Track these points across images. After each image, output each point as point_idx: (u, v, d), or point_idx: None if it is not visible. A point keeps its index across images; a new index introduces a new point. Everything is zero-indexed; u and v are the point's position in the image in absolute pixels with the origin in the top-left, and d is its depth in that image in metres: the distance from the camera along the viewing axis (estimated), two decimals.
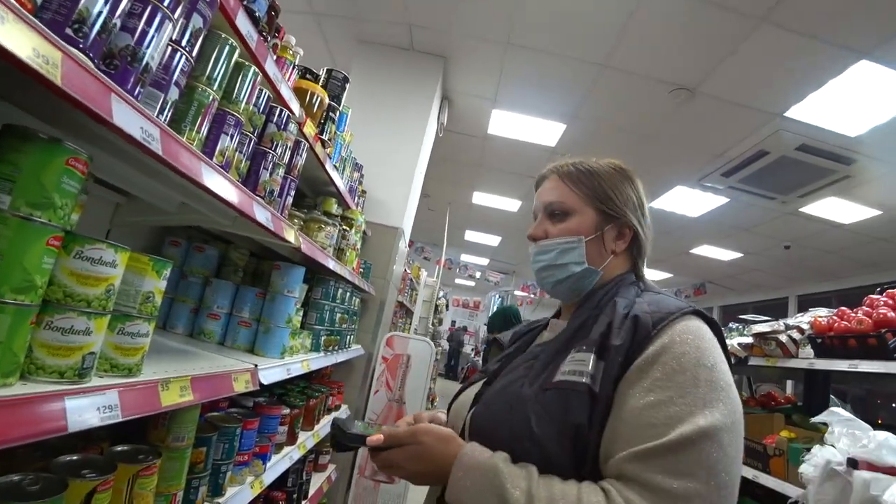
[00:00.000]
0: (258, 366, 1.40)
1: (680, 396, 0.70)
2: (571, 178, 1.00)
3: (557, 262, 0.96)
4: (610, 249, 0.97)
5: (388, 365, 3.27)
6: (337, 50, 4.25)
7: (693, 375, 0.72)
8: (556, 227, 0.98)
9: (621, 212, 0.97)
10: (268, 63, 1.29)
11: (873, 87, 3.39)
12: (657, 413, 0.69)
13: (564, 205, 0.98)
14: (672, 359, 0.74)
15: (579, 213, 0.97)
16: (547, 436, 0.74)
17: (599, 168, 1.01)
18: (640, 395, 0.72)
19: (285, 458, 1.88)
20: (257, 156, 1.21)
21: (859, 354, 2.28)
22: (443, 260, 6.29)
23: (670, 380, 0.72)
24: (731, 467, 0.68)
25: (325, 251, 1.82)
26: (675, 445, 0.66)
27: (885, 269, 6.87)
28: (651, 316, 0.80)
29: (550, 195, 1.01)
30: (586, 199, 0.98)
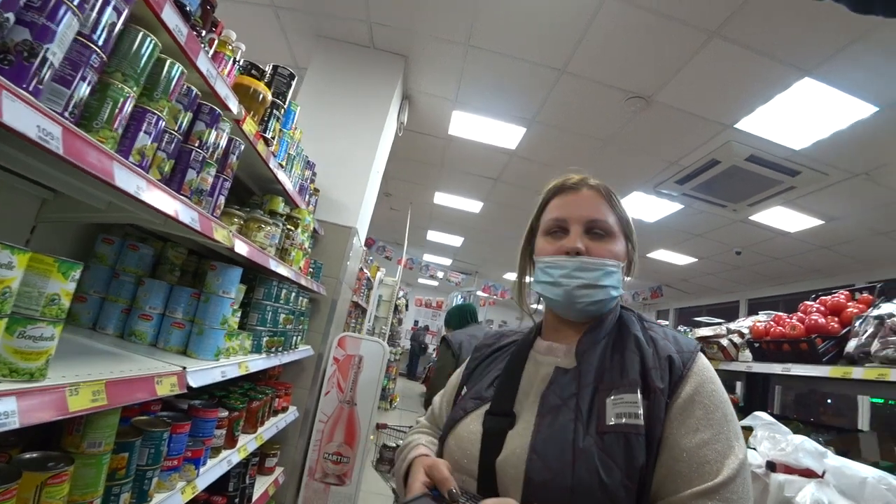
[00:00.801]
0: (187, 368, 1.36)
1: (720, 433, 0.77)
2: (611, 199, 0.99)
3: (600, 283, 0.92)
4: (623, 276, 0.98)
5: (340, 366, 3.24)
6: (296, 44, 4.18)
7: (723, 413, 0.79)
8: (600, 246, 0.94)
9: (635, 244, 1.01)
10: (200, 58, 1.26)
11: (816, 103, 3.56)
12: (708, 451, 0.75)
13: (609, 226, 0.96)
14: (705, 398, 0.80)
15: (618, 238, 0.97)
16: (617, 483, 0.74)
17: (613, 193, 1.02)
18: (689, 435, 0.77)
19: (223, 462, 1.84)
20: (183, 154, 1.18)
21: (792, 358, 2.38)
22: (404, 259, 6.27)
23: (708, 419, 0.78)
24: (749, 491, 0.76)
25: (265, 251, 1.79)
26: (728, 480, 0.73)
27: (828, 274, 7.23)
28: (679, 356, 0.84)
29: (594, 211, 0.96)
30: (619, 223, 0.98)
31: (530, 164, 5.57)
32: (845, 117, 3.65)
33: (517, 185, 6.30)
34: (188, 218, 1.14)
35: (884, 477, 1.38)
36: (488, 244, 9.88)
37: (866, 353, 1.99)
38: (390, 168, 5.67)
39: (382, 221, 9.05)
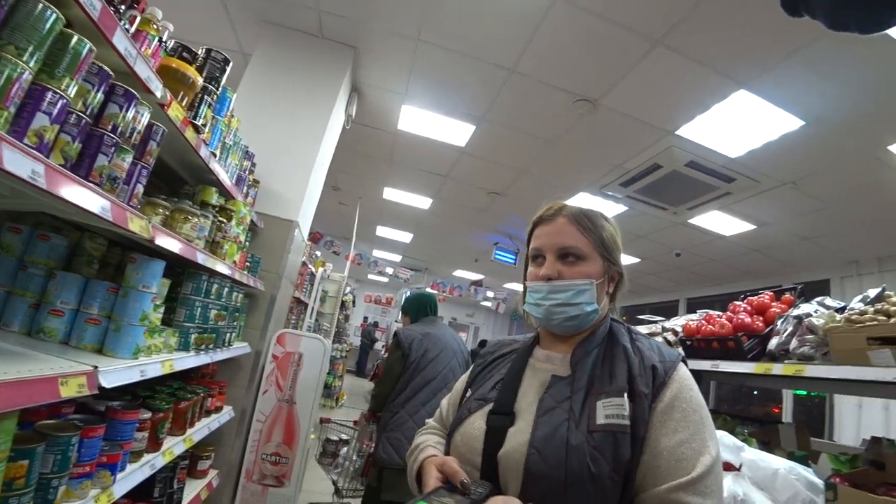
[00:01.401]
0: (99, 367, 1.27)
1: (696, 433, 0.88)
2: (582, 224, 1.08)
3: (572, 302, 1.04)
4: (605, 292, 1.09)
5: (279, 364, 3.14)
6: (242, 30, 4.01)
7: (700, 416, 0.90)
8: (570, 269, 1.06)
9: (615, 260, 1.10)
10: (117, 36, 1.17)
11: (750, 114, 3.75)
12: (685, 450, 0.86)
13: (580, 250, 1.06)
14: (684, 402, 0.91)
15: (590, 259, 1.07)
16: (604, 475, 0.84)
17: (599, 220, 1.11)
18: (669, 435, 0.88)
19: (145, 467, 1.74)
20: (92, 138, 1.09)
21: (720, 355, 2.48)
22: (352, 255, 6.17)
23: (686, 420, 0.89)
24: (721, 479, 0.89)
25: (193, 244, 1.70)
26: (702, 476, 0.83)
27: (759, 276, 7.66)
28: (661, 364, 0.95)
29: (564, 238, 1.08)
30: (594, 245, 1.07)
31: (480, 161, 5.60)
32: (776, 129, 3.86)
33: (467, 182, 6.32)
34: (97, 207, 1.06)
35: (793, 468, 1.45)
36: (438, 241, 9.88)
37: (786, 350, 2.11)
38: (339, 162, 5.56)
39: (331, 216, 8.88)
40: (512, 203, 6.73)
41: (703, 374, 3.19)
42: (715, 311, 2.86)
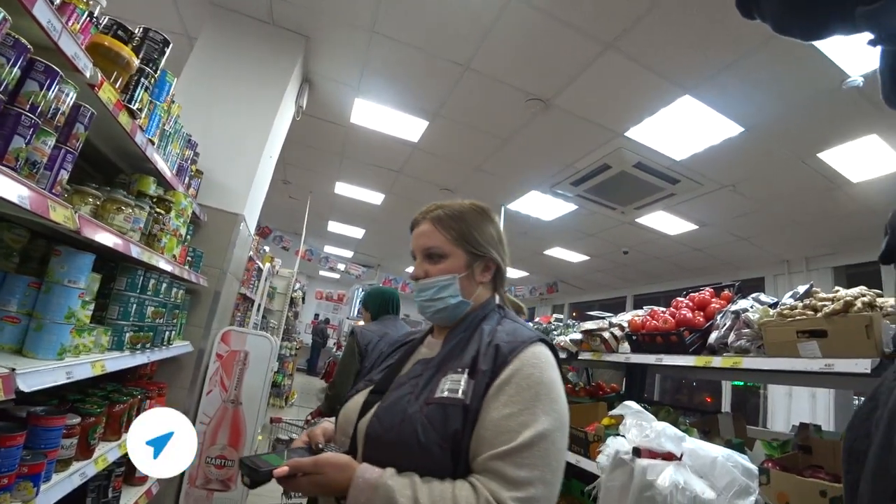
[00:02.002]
0: (16, 369, 1.17)
1: (526, 408, 0.91)
2: (443, 223, 1.16)
3: (437, 297, 1.13)
4: (477, 282, 1.17)
5: (223, 363, 3.01)
6: (186, 10, 3.80)
7: (535, 392, 0.93)
8: (434, 267, 1.15)
9: (485, 250, 1.17)
10: (38, 6, 1.07)
11: (694, 119, 3.91)
12: (510, 422, 0.90)
13: (440, 249, 1.15)
14: (521, 379, 0.95)
15: (452, 255, 1.15)
16: (431, 442, 0.91)
17: (465, 211, 1.19)
18: (499, 408, 0.93)
19: (74, 476, 1.62)
20: (7, 118, 0.99)
21: (664, 349, 2.56)
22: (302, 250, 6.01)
23: (519, 395, 0.93)
24: (559, 457, 0.92)
25: (126, 236, 1.59)
26: (522, 446, 0.87)
27: (700, 273, 8.02)
28: (508, 345, 1.00)
29: (427, 240, 1.17)
30: (456, 241, 1.15)
31: (433, 157, 5.57)
32: (717, 134, 4.03)
33: (420, 178, 6.28)
34: (14, 195, 0.96)
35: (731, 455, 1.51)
36: (390, 237, 9.79)
37: (725, 343, 2.20)
38: (289, 155, 5.41)
39: (280, 210, 8.62)
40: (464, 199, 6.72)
41: (647, 368, 3.31)
42: (659, 308, 2.96)
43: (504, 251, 1.23)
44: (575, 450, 2.68)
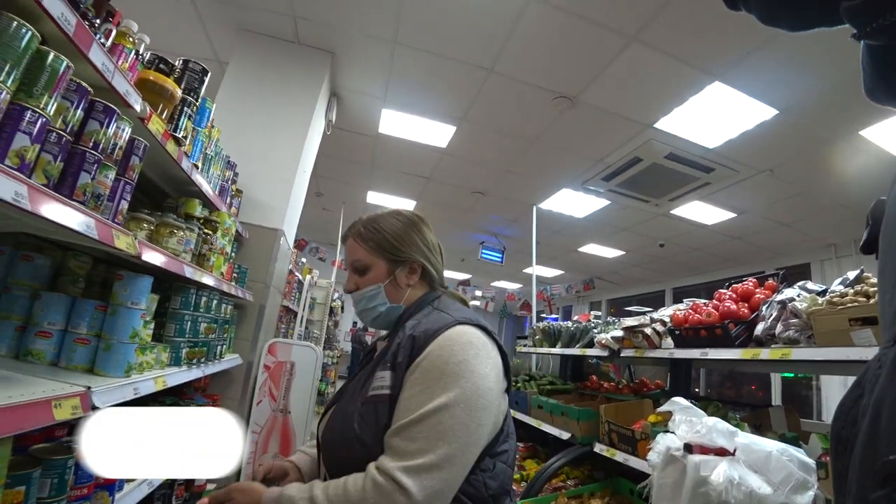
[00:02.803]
0: (92, 388, 1.25)
1: (427, 387, 0.95)
2: (363, 237, 1.24)
3: (368, 306, 1.22)
4: (405, 284, 1.23)
5: (271, 374, 3.12)
6: (217, 38, 3.97)
7: (440, 371, 0.96)
8: (361, 279, 1.23)
9: (405, 255, 1.22)
10: (93, 51, 1.16)
11: (725, 105, 3.82)
12: (411, 402, 0.95)
13: (362, 261, 1.23)
14: (429, 362, 0.99)
15: (374, 266, 1.22)
16: (368, 436, 0.97)
17: (383, 221, 1.25)
18: (406, 391, 0.98)
19: (143, 485, 1.72)
20: (74, 156, 1.07)
21: (708, 343, 2.51)
22: (338, 261, 6.14)
23: (424, 377, 0.97)
24: (459, 429, 0.92)
25: (179, 258, 1.68)
26: (416, 419, 0.92)
27: (741, 263, 7.80)
28: (424, 334, 1.04)
29: (351, 255, 1.26)
30: (376, 252, 1.22)
31: (462, 162, 5.61)
32: (751, 119, 3.93)
33: (450, 183, 6.33)
34: (83, 226, 1.04)
35: (786, 449, 1.48)
36: None
37: (772, 335, 2.14)
38: (321, 167, 5.53)
39: (315, 222, 8.82)
40: (496, 202, 6.76)
41: (692, 362, 3.24)
42: (701, 300, 2.90)
43: (431, 250, 1.28)
44: (622, 448, 2.66)
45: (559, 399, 3.43)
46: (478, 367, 0.98)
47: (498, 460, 1.04)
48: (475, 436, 0.94)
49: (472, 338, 1.03)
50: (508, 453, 1.08)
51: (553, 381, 4.14)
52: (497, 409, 1.03)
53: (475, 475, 0.98)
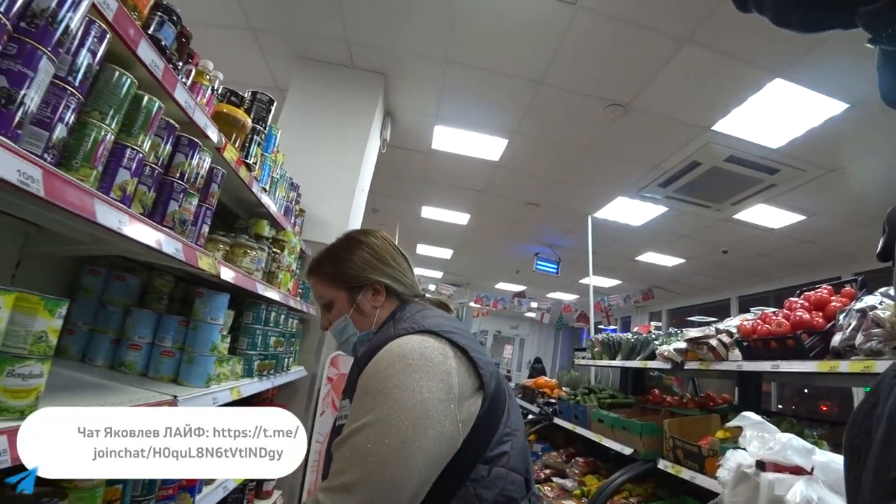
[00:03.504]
0: (178, 396, 1.37)
1: (355, 409, 0.93)
2: (319, 273, 1.24)
3: (342, 339, 1.23)
4: (371, 308, 1.20)
5: (334, 385, 3.23)
6: (276, 66, 4.22)
7: (364, 391, 0.94)
8: (330, 314, 1.23)
9: (364, 278, 1.19)
10: (178, 91, 1.28)
11: (788, 102, 3.64)
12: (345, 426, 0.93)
13: (324, 298, 1.23)
14: (360, 386, 0.96)
15: (336, 299, 1.21)
16: None
17: (333, 250, 1.25)
18: None
19: (218, 489, 1.84)
20: (164, 186, 1.20)
21: (780, 355, 2.39)
22: None
23: (355, 399, 0.95)
24: (382, 450, 0.86)
25: (252, 276, 1.80)
26: (338, 443, 0.91)
27: (813, 269, 7.33)
28: (365, 356, 1.01)
29: (315, 293, 1.26)
30: (335, 284, 1.21)
31: (515, 174, 5.63)
32: (817, 115, 3.73)
33: (503, 195, 6.35)
34: (172, 249, 1.16)
35: None
36: (478, 255, 9.91)
37: (851, 346, 2.02)
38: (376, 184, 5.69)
39: None
40: (550, 212, 6.71)
41: (762, 376, 3.09)
42: (770, 309, 2.77)
43: (390, 263, 1.23)
44: (689, 465, 2.57)
45: (620, 413, 3.35)
46: (407, 381, 0.91)
47: (495, 465, 0.96)
48: (402, 453, 0.86)
49: (407, 349, 0.96)
50: (509, 455, 0.98)
51: (613, 395, 4.05)
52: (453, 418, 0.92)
53: (464, 487, 0.92)
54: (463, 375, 0.97)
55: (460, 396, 0.95)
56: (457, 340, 1.01)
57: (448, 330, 1.03)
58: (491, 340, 16.52)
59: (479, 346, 1.07)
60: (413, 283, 1.27)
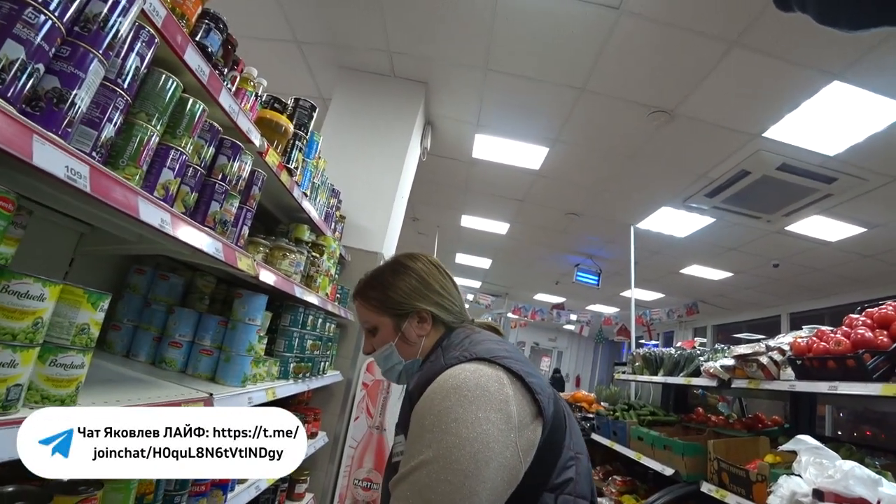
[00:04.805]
0: (214, 395, 1.40)
1: (411, 445, 0.90)
2: (365, 297, 1.21)
3: (387, 367, 1.20)
4: (416, 337, 1.16)
5: (369, 391, 3.24)
6: (320, 76, 4.33)
7: (420, 426, 0.90)
8: (375, 340, 1.20)
9: (410, 306, 1.16)
10: (222, 96, 1.32)
11: (847, 107, 3.45)
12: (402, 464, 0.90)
13: (370, 323, 1.20)
14: (414, 421, 0.92)
15: (382, 326, 1.18)
16: None
17: (380, 274, 1.22)
18: None
19: (251, 489, 1.86)
20: (206, 187, 1.23)
21: (838, 376, 2.24)
22: None
23: (410, 436, 0.92)
24: (443, 486, 0.83)
25: (290, 279, 1.83)
26: (396, 480, 0.88)
27: (872, 285, 6.90)
28: (417, 388, 0.98)
29: (360, 318, 1.23)
30: (381, 310, 1.17)
31: (556, 183, 5.56)
32: (881, 119, 3.51)
33: (543, 205, 6.28)
34: (212, 248, 1.18)
35: None
36: (517, 265, 9.82)
37: None
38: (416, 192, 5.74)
39: (410, 246, 9.05)
40: (591, 222, 6.59)
41: (817, 397, 2.91)
42: (825, 326, 2.61)
43: (439, 291, 1.19)
44: (735, 490, 2.44)
45: (661, 431, 3.22)
46: (464, 413, 0.87)
47: (560, 493, 0.93)
48: (465, 489, 0.83)
49: (461, 380, 0.92)
50: (574, 481, 0.95)
51: (654, 412, 3.91)
52: (514, 448, 0.89)
53: None
54: (521, 402, 0.93)
55: (520, 425, 0.91)
56: (511, 366, 0.96)
57: (501, 356, 0.98)
58: (528, 352, 16.31)
59: (534, 370, 1.02)
60: (461, 309, 1.24)
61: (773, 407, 3.93)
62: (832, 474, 1.50)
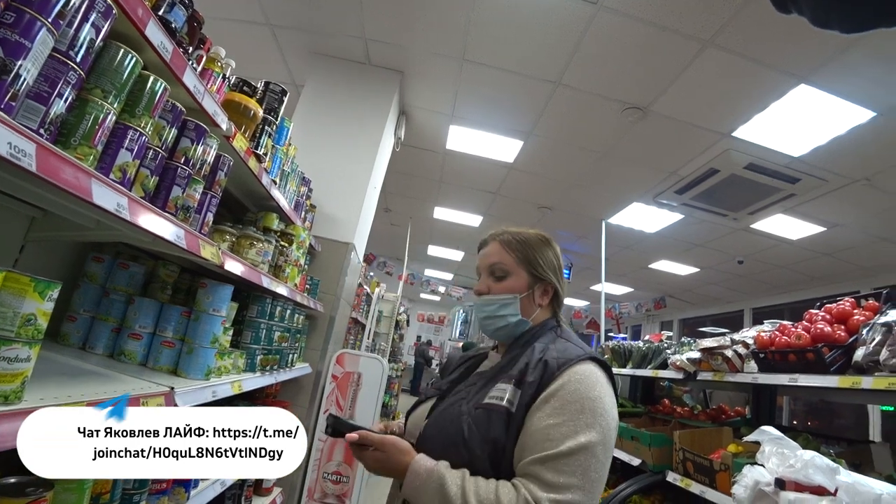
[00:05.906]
0: (175, 388, 1.33)
1: (570, 420, 0.95)
2: (510, 245, 1.22)
3: (498, 314, 1.19)
4: (537, 303, 1.21)
5: (339, 383, 3.19)
6: (293, 62, 4.21)
7: (580, 405, 0.97)
8: (498, 285, 1.21)
9: (546, 274, 1.22)
10: (186, 75, 1.25)
11: (813, 109, 3.55)
12: (554, 431, 0.95)
13: (505, 267, 1.21)
14: (567, 393, 0.99)
15: (515, 275, 1.20)
16: (474, 443, 0.99)
17: (530, 237, 1.24)
18: (543, 418, 0.97)
19: (215, 485, 1.80)
20: (168, 171, 1.16)
21: (799, 368, 2.31)
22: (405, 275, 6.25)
23: (564, 408, 0.97)
24: (601, 470, 0.95)
25: (258, 269, 1.76)
26: (563, 454, 0.92)
27: (831, 282, 7.17)
28: (556, 361, 1.04)
29: (493, 258, 1.23)
30: (521, 263, 1.21)
31: (529, 177, 5.57)
32: (843, 123, 3.63)
33: (517, 198, 6.29)
34: (173, 235, 1.12)
35: None
36: None
37: (875, 361, 1.94)
38: (389, 183, 5.68)
39: (383, 237, 9.03)
40: (563, 217, 6.64)
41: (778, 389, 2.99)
42: (787, 321, 2.69)
43: (562, 278, 1.26)
44: (699, 479, 2.49)
45: (629, 422, 3.28)
46: (609, 407, 1.00)
47: None
48: (605, 475, 0.97)
49: (601, 376, 1.04)
50: None
51: (622, 404, 3.97)
52: None
53: None
54: None
55: None
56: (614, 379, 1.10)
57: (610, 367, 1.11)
58: None
59: None
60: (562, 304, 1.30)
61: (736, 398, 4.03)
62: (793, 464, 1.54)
